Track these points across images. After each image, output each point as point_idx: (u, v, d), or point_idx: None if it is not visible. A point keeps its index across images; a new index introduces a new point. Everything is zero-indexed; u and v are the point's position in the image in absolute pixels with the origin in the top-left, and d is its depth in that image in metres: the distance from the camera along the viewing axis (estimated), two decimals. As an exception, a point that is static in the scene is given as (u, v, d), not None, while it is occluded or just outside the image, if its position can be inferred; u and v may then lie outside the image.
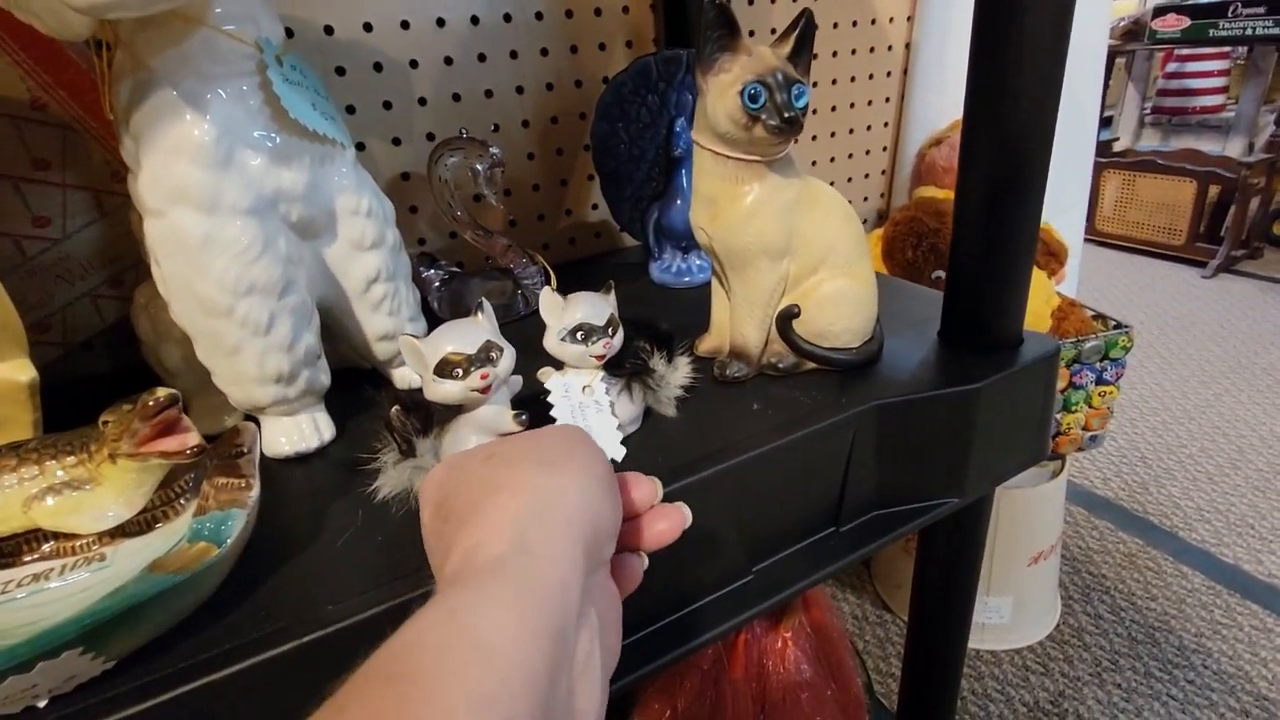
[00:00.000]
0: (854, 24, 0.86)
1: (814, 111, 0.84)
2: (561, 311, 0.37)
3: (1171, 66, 2.55)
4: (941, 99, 0.91)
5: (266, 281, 0.37)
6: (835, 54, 0.85)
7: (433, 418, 0.33)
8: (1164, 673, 0.95)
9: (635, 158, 0.63)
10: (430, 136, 0.65)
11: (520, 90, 0.68)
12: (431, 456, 0.33)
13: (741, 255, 0.42)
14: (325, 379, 0.43)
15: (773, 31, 0.80)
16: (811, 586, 0.41)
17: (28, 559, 0.32)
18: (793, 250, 0.42)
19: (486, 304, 0.34)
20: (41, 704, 0.25)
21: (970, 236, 0.45)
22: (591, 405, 0.38)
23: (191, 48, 0.33)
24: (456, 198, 0.57)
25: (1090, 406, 0.88)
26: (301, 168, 0.38)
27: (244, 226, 0.36)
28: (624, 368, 0.39)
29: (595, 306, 0.37)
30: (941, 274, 0.80)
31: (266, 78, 0.35)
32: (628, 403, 0.40)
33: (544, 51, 0.68)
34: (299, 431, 0.41)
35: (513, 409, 0.34)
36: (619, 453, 0.38)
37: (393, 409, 0.33)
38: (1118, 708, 0.91)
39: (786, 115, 0.37)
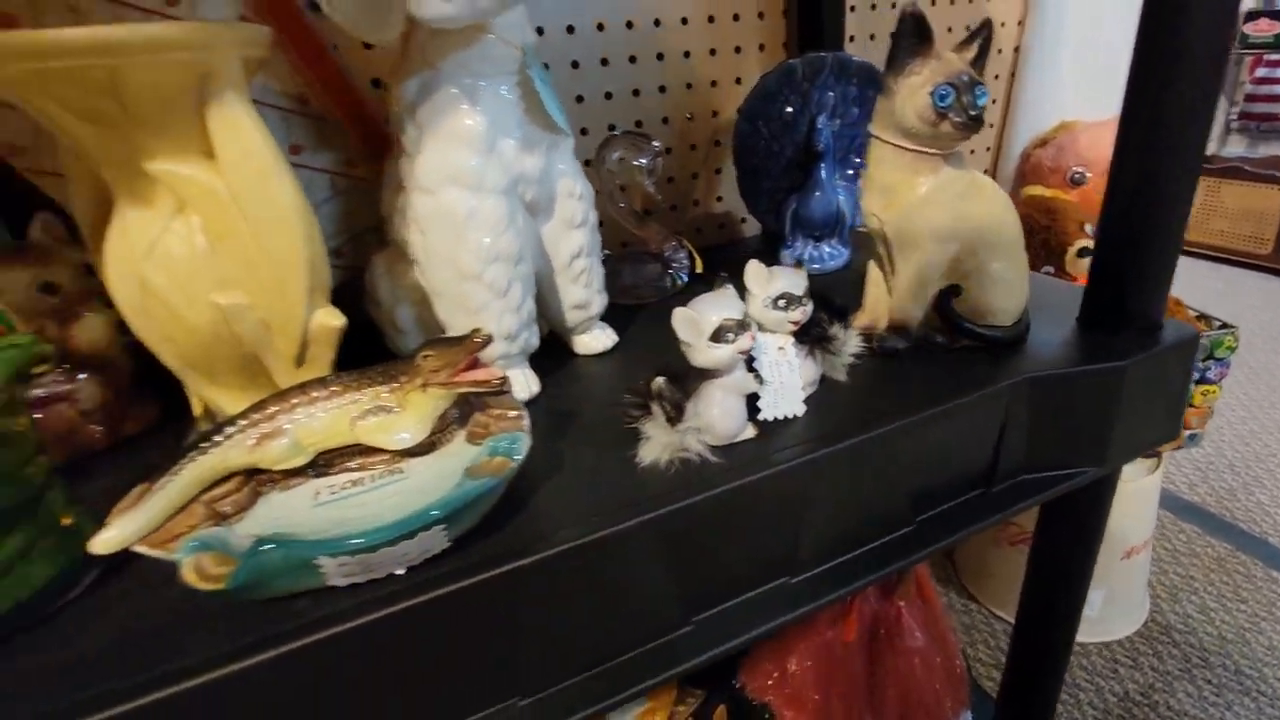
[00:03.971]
0: (966, 29, 0.89)
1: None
2: (767, 281, 0.42)
3: (1261, 72, 2.47)
4: (1048, 102, 0.94)
5: (509, 251, 0.44)
6: (948, 57, 0.89)
7: (684, 385, 0.39)
8: (1254, 670, 0.96)
9: (774, 154, 0.68)
10: (584, 131, 0.71)
11: (663, 89, 0.74)
12: (694, 421, 0.38)
13: (913, 238, 0.47)
14: (536, 340, 0.49)
15: (871, 37, 0.85)
16: (967, 538, 0.46)
17: (337, 470, 0.39)
18: (959, 235, 0.47)
19: (725, 277, 0.40)
20: (400, 571, 0.32)
21: (1121, 223, 0.48)
22: (785, 364, 0.43)
23: (473, 51, 0.40)
24: (618, 188, 0.64)
25: (1192, 405, 0.90)
26: (539, 154, 0.45)
27: (498, 204, 0.43)
28: (809, 334, 0.45)
29: (795, 279, 0.42)
30: (1051, 270, 0.83)
31: (526, 76, 0.42)
32: (810, 366, 0.45)
33: (686, 54, 0.74)
34: (515, 384, 0.48)
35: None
36: (800, 409, 0.43)
37: (658, 378, 0.38)
38: (1208, 701, 0.92)
39: (972, 113, 0.41)
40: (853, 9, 0.80)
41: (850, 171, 0.69)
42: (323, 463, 0.39)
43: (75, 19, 0.44)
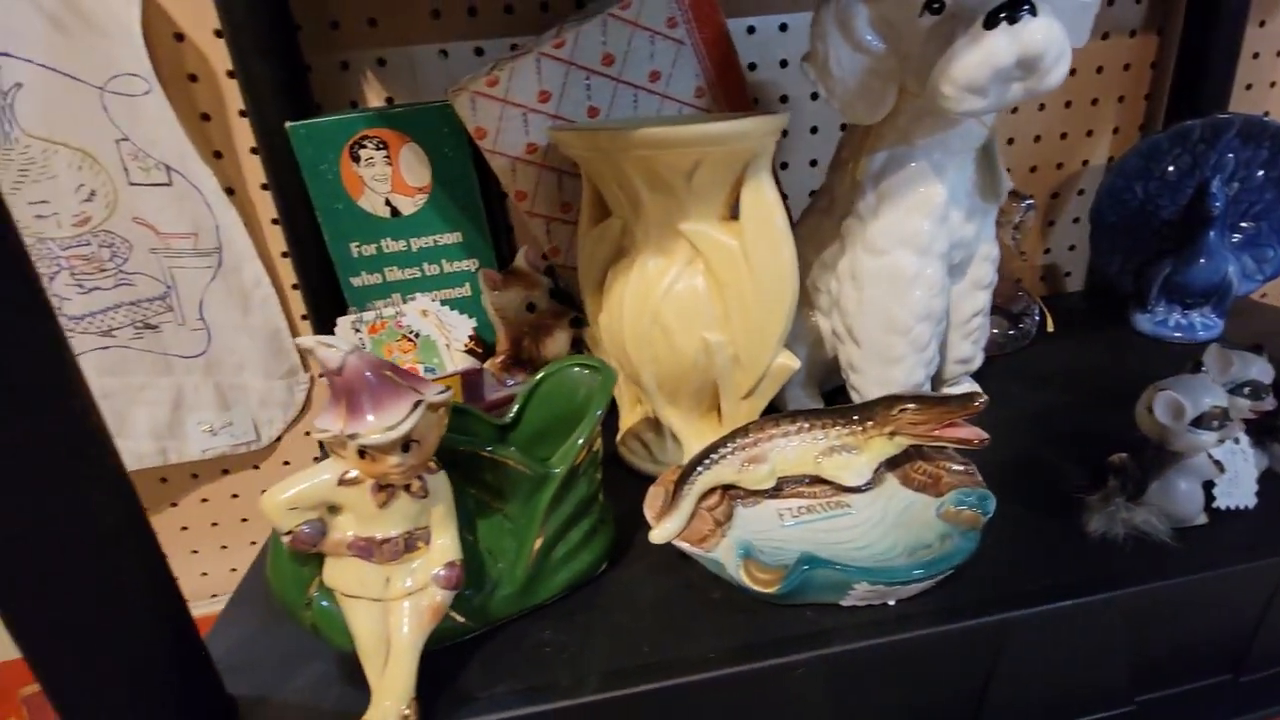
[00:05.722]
0: (1367, 75, 0.78)
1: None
2: (1230, 366, 0.41)
3: None
4: None
5: (936, 311, 0.47)
6: (1340, 107, 0.79)
7: (1145, 465, 0.39)
8: None
9: (1148, 213, 0.65)
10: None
11: (1011, 141, 0.74)
12: (1155, 502, 0.39)
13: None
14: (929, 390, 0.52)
15: (1248, 87, 0.77)
16: None
17: (787, 495, 0.44)
18: None
19: (1201, 363, 0.40)
20: (891, 602, 0.36)
21: None
22: (1239, 453, 0.42)
23: (954, 131, 0.43)
24: (979, 241, 0.64)
25: None
26: (976, 223, 0.47)
27: (938, 268, 0.46)
28: (1258, 422, 0.43)
29: (1263, 368, 0.41)
30: None
31: (987, 151, 0.45)
32: (1259, 455, 0.43)
33: (1040, 107, 0.73)
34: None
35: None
36: (1252, 501, 0.41)
37: (1118, 454, 0.39)
38: None
39: None
40: (1230, 57, 0.74)
41: (1236, 237, 0.64)
42: (775, 486, 0.44)
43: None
